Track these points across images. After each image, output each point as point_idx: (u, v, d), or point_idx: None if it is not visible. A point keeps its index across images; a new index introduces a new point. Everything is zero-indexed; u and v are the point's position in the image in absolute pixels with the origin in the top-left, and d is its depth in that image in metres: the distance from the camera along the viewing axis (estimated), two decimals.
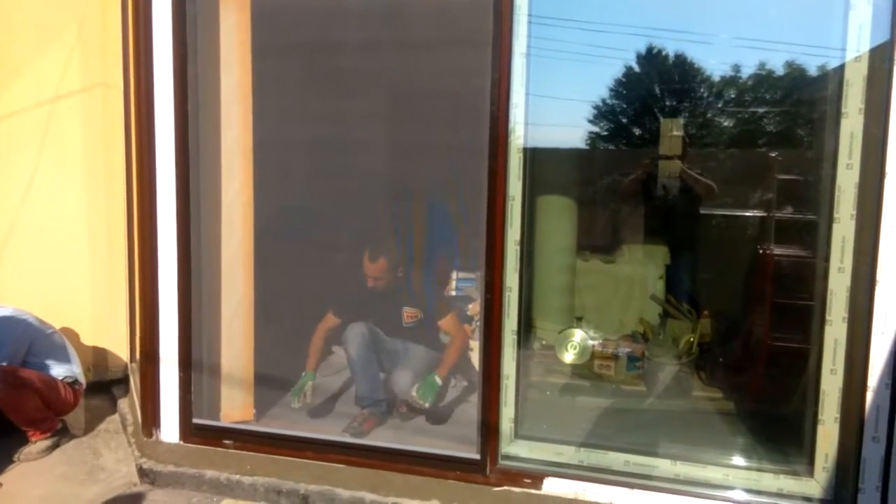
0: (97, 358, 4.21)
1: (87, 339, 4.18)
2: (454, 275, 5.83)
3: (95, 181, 4.11)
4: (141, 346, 3.40)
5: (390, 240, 3.72)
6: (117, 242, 4.11)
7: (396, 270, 3.62)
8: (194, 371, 3.24)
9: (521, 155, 2.86)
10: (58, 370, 3.47)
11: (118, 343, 4.21)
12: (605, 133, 4.71)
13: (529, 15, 2.80)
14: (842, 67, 2.54)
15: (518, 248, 2.89)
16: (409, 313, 3.69)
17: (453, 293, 5.69)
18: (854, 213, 2.53)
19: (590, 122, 4.47)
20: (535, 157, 2.97)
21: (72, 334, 4.03)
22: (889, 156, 2.40)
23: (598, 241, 5.01)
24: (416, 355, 3.63)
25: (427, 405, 3.20)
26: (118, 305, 4.14)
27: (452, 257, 4.32)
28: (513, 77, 2.80)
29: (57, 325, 3.80)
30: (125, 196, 3.96)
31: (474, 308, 4.38)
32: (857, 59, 2.50)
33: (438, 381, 3.39)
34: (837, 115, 2.54)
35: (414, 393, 3.23)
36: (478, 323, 3.44)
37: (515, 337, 2.92)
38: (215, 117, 3.25)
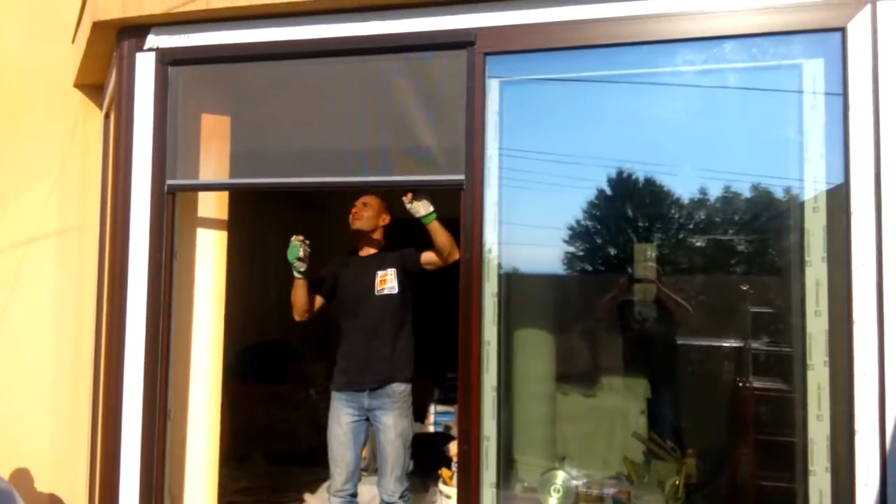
0: None
1: (44, 489, 3.94)
2: (432, 408, 5.66)
3: (64, 326, 4.02)
4: (100, 499, 3.21)
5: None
6: (82, 390, 3.98)
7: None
8: None
9: (496, 299, 2.85)
10: None
11: (76, 495, 3.98)
12: (580, 268, 4.77)
13: (501, 159, 2.89)
14: (801, 217, 2.63)
15: (495, 394, 2.82)
16: (382, 277, 3.52)
17: (431, 429, 5.52)
18: (827, 359, 2.52)
19: (566, 252, 4.54)
20: (511, 298, 2.97)
21: (26, 482, 3.81)
22: (855, 304, 2.43)
23: (576, 372, 4.92)
24: (392, 451, 3.45)
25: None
26: (79, 454, 3.95)
27: None
28: (485, 223, 2.84)
29: (14, 471, 3.60)
30: (93, 343, 3.88)
31: (453, 448, 4.23)
32: (815, 209, 2.59)
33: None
34: (802, 263, 2.60)
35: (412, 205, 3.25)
36: (455, 469, 3.31)
37: (494, 490, 2.80)
38: (189, 267, 3.25)
